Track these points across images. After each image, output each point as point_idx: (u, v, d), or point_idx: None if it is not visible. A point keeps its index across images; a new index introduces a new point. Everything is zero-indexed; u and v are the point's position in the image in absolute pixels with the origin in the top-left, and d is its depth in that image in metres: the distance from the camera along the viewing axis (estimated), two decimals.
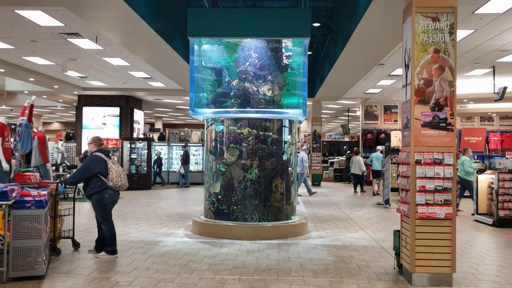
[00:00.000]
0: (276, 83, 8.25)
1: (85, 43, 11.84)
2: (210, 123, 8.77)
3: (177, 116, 34.81)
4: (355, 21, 9.16)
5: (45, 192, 5.85)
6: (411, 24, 5.51)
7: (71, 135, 29.50)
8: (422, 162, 5.40)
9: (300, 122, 9.76)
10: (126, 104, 21.64)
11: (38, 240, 5.31)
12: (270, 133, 8.32)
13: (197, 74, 8.49)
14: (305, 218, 8.93)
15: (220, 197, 8.43)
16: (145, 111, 25.40)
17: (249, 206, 8.15)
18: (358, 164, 16.72)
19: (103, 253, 6.59)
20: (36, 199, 5.46)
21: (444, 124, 5.42)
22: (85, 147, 19.36)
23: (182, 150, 19.56)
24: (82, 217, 10.10)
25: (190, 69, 8.51)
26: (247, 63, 8.27)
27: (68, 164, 15.34)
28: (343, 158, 24.62)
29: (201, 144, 21.20)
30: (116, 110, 21.53)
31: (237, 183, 8.25)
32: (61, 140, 24.62)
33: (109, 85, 19.26)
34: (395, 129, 21.91)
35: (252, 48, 8.29)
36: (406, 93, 5.80)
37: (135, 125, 22.43)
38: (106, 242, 6.59)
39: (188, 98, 21.61)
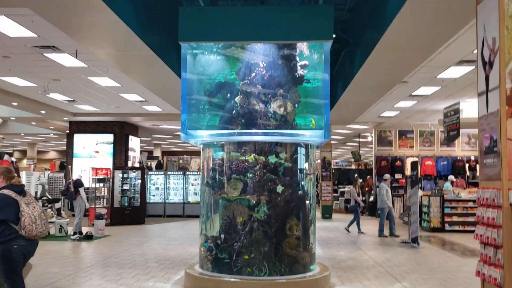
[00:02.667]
0: (288, 98, 6.61)
1: (65, 59, 10.31)
2: (205, 148, 7.10)
3: (176, 143, 33.25)
4: (381, 29, 7.64)
5: None
6: (495, 2, 3.87)
7: (65, 164, 28.00)
8: None
9: (318, 147, 8.02)
10: (121, 130, 20.06)
11: None
12: (282, 161, 6.62)
13: (191, 91, 6.87)
14: (327, 268, 7.12)
15: (219, 242, 6.67)
16: (142, 138, 23.83)
17: (256, 255, 6.38)
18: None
19: None
20: None
21: None
22: (75, 177, 17.66)
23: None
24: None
25: (182, 84, 6.91)
26: (253, 74, 6.64)
27: (50, 197, 13.63)
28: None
29: (200, 173, 19.48)
30: (109, 137, 19.95)
31: (240, 225, 6.51)
32: (47, 170, 23.04)
33: (101, 109, 17.71)
34: (411, 156, 20.23)
35: (259, 56, 6.68)
36: (489, 102, 4.11)
37: (130, 153, 20.79)
38: None
39: None
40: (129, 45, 8.13)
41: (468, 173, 19.79)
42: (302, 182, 6.78)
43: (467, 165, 19.91)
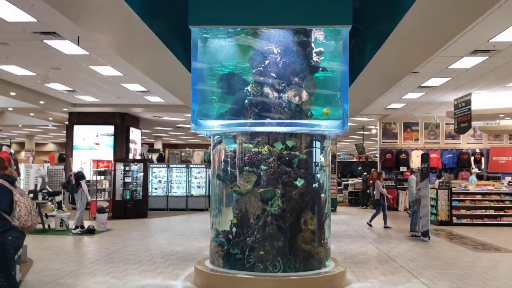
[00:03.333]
0: (304, 87, 6.29)
1: (66, 46, 9.95)
2: (217, 140, 6.79)
3: (178, 136, 32.94)
4: (396, 17, 7.31)
5: None
6: None
7: (64, 156, 27.65)
8: None
9: (333, 138, 7.62)
10: (122, 122, 19.73)
11: None
12: (297, 152, 6.32)
13: (201, 79, 6.53)
14: (342, 264, 6.85)
15: (231, 237, 6.39)
16: (143, 130, 23.51)
17: (270, 250, 6.10)
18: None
19: None
20: None
21: None
22: (75, 169, 17.36)
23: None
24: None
25: (192, 72, 6.57)
26: (267, 61, 6.31)
27: (50, 190, 13.32)
28: (358, 180, 22.61)
29: (203, 166, 19.22)
30: (110, 129, 19.61)
31: (253, 219, 6.22)
32: (46, 162, 22.70)
33: (101, 100, 17.35)
34: (416, 149, 19.98)
35: (273, 42, 6.34)
36: None
37: (131, 145, 20.48)
38: None
39: (189, 115, 19.74)
40: (133, 31, 7.77)
41: (473, 166, 19.54)
42: (318, 175, 6.48)
43: (472, 158, 19.66)
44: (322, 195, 6.47)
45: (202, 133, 7.06)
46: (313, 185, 6.38)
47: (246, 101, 6.37)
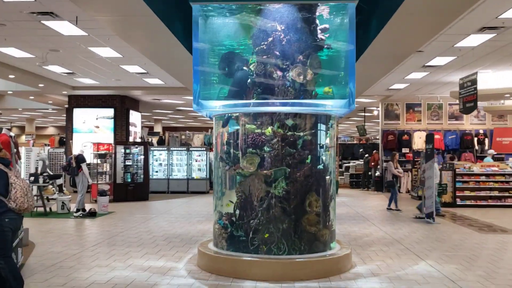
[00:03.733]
0: (308, 65, 6.11)
1: (64, 27, 9.73)
2: (219, 120, 6.63)
3: (178, 119, 32.75)
4: None
5: None
6: None
7: (64, 140, 27.53)
8: None
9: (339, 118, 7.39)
10: (121, 104, 19.54)
11: None
12: (301, 133, 6.17)
13: (202, 58, 6.35)
14: (347, 246, 6.75)
15: (234, 219, 6.28)
16: (142, 113, 23.31)
17: (275, 232, 6.00)
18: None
19: None
20: None
21: None
22: (75, 152, 17.25)
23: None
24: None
25: (194, 52, 6.38)
26: (270, 39, 6.12)
27: (51, 173, 13.22)
28: (359, 162, 22.51)
29: (204, 149, 19.10)
30: (110, 112, 19.43)
31: (257, 201, 6.11)
32: (47, 145, 22.58)
33: (101, 83, 17.13)
34: (419, 130, 19.82)
35: (276, 18, 6.14)
36: None
37: (132, 128, 20.32)
38: (7, 285, 4.56)
39: (190, 97, 19.49)
40: (132, 9, 7.57)
41: (476, 147, 19.40)
42: (323, 156, 6.34)
43: (475, 139, 19.49)
44: (327, 177, 6.34)
45: (204, 114, 6.89)
46: (318, 166, 6.24)
47: (249, 80, 6.20)
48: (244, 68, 6.21)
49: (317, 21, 6.24)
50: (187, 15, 10.00)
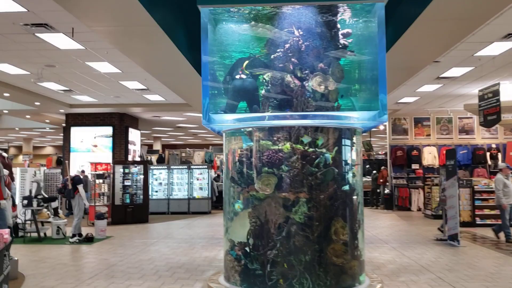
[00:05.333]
0: (330, 73, 5.43)
1: (60, 40, 9.09)
2: (230, 136, 5.92)
3: (177, 136, 32.07)
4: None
5: None
6: None
7: (62, 159, 26.82)
8: None
9: (364, 132, 6.61)
10: (120, 122, 18.87)
11: None
12: (324, 150, 5.46)
13: (212, 69, 5.67)
14: (379, 279, 5.97)
15: (248, 249, 5.53)
16: (142, 131, 22.65)
17: (296, 265, 5.24)
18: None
19: None
20: None
21: None
22: (72, 173, 16.52)
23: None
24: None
25: (202, 61, 5.71)
26: (287, 45, 5.45)
27: (46, 196, 12.46)
28: (366, 179, 21.74)
29: (205, 166, 18.38)
30: (108, 130, 18.75)
31: (275, 228, 5.37)
32: (43, 165, 21.83)
33: (99, 100, 16.49)
34: (428, 145, 19.14)
35: (294, 22, 5.49)
36: None
37: (131, 147, 19.61)
38: None
39: (192, 114, 18.77)
40: (133, 18, 6.96)
41: (489, 162, 18.68)
42: (349, 175, 5.62)
43: (488, 154, 18.77)
44: (354, 197, 5.62)
45: (215, 129, 6.19)
46: (344, 187, 5.52)
47: (263, 91, 5.52)
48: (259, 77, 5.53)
49: (338, 25, 5.59)
50: (190, 26, 9.35)
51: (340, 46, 5.52)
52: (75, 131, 18.75)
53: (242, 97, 5.63)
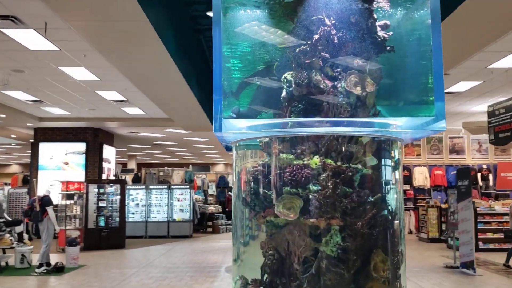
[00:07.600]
0: (368, 72, 4.46)
1: (30, 39, 7.92)
2: (242, 148, 4.85)
3: (154, 154, 30.72)
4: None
5: None
6: None
7: (28, 178, 25.05)
8: None
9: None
10: (94, 138, 17.51)
11: None
12: (359, 165, 4.45)
13: (224, 65, 4.61)
14: None
15: None
16: (117, 148, 21.29)
17: None
18: None
19: None
20: None
21: None
22: (39, 193, 14.99)
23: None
24: None
25: (214, 54, 4.61)
26: (316, 37, 4.46)
27: (9, 219, 11.02)
28: None
29: (187, 187, 17.18)
30: (81, 146, 17.36)
31: (299, 263, 4.27)
32: (7, 184, 20.17)
33: (72, 113, 15.17)
34: (419, 165, 18.48)
35: (322, 10, 4.52)
36: None
37: (105, 165, 18.23)
38: None
39: (172, 130, 17.53)
40: (118, 11, 5.94)
41: (480, 183, 18.12)
42: (390, 197, 4.61)
43: (479, 175, 18.24)
44: (396, 221, 4.59)
45: (227, 138, 5.07)
46: (383, 212, 4.50)
47: (284, 93, 4.49)
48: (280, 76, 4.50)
49: (374, 15, 4.64)
50: (181, 27, 8.30)
51: (379, 39, 4.56)
52: (44, 147, 17.27)
53: (267, 103, 4.55)
